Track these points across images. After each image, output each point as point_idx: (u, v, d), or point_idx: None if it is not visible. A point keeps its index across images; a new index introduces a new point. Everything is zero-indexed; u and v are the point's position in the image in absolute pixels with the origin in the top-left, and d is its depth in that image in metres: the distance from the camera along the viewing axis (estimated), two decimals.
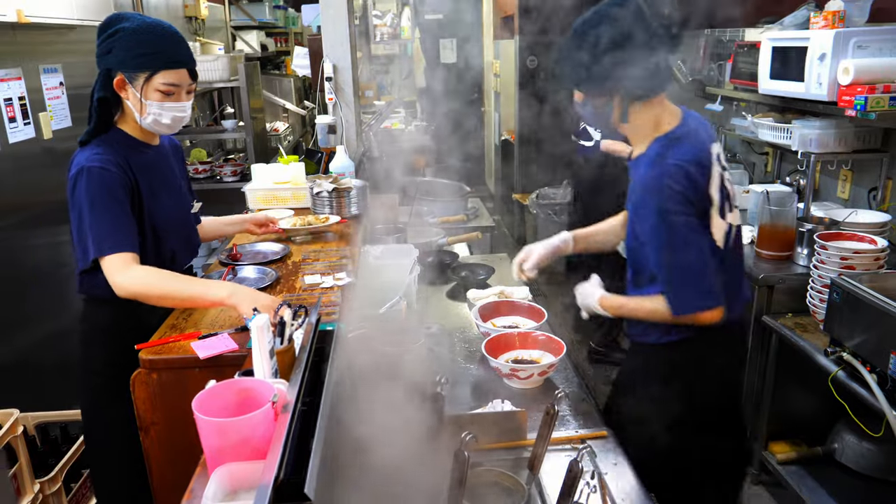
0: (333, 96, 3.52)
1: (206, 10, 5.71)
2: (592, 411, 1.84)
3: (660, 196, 1.66)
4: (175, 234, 2.06)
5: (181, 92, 1.94)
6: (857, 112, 2.55)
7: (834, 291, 2.32)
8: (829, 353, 2.35)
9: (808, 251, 2.80)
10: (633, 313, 1.84)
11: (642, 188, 1.72)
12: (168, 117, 1.93)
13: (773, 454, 2.83)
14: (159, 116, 1.92)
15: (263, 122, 5.36)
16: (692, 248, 1.68)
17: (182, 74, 1.93)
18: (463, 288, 2.72)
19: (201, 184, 4.48)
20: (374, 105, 6.79)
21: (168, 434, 1.78)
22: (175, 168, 2.18)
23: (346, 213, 2.92)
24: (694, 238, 1.68)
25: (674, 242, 1.67)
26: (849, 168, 3.24)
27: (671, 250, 1.68)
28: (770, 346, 2.80)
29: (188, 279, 1.94)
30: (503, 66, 7.09)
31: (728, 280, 1.74)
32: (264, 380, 1.30)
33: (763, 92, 3.25)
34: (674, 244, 1.68)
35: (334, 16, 3.54)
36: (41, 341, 3.09)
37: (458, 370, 2.08)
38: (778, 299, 2.81)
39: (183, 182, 2.22)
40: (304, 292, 2.15)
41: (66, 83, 3.50)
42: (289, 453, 1.02)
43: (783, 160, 3.73)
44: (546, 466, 1.49)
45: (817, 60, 2.77)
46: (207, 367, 1.70)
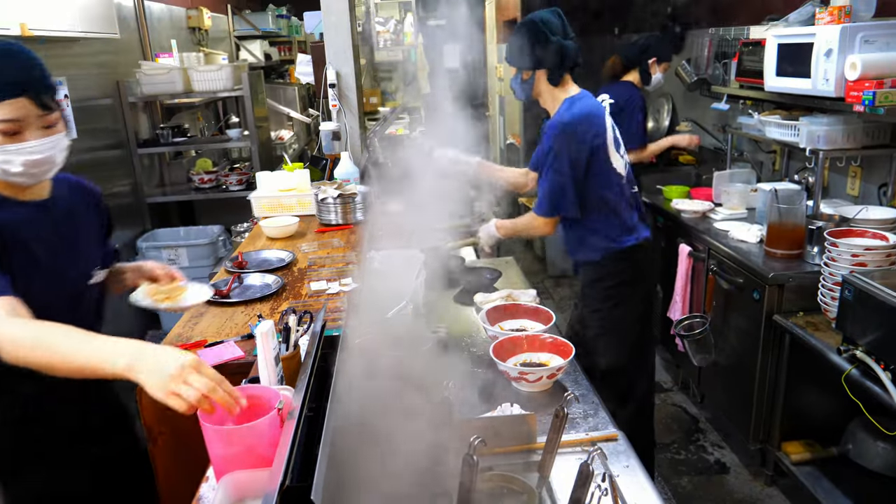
0: (337, 103, 3.52)
1: (210, 20, 5.73)
2: (602, 413, 1.82)
3: (557, 132, 2.36)
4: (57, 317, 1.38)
5: (28, 128, 1.44)
6: (865, 107, 2.53)
7: (846, 289, 2.30)
8: (842, 351, 2.32)
9: (819, 249, 2.77)
10: (514, 226, 2.64)
11: (549, 128, 2.39)
12: (18, 164, 1.44)
13: (786, 454, 2.80)
14: (6, 164, 1.44)
15: (268, 130, 5.37)
16: (562, 171, 2.35)
17: (22, 105, 1.42)
18: (470, 292, 2.70)
19: (207, 193, 4.49)
20: (378, 111, 6.80)
21: (175, 443, 1.77)
22: (81, 226, 1.71)
23: (351, 219, 2.91)
24: (565, 165, 2.35)
25: (553, 164, 2.37)
26: (858, 164, 3.21)
27: (551, 170, 2.38)
28: (782, 345, 2.77)
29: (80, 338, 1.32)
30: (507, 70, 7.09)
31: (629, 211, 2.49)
32: (270, 386, 1.29)
33: (769, 89, 3.22)
34: (553, 165, 2.37)
35: (336, 22, 3.54)
36: None
37: (467, 374, 2.06)
38: (788, 298, 2.78)
39: (92, 245, 1.75)
40: (309, 299, 2.15)
41: (70, 96, 3.51)
42: (295, 459, 1.01)
43: (791, 158, 3.70)
44: (556, 470, 1.47)
45: (824, 56, 2.74)
46: None
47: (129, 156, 4.22)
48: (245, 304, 2.18)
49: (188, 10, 5.52)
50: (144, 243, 4.10)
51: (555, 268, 5.74)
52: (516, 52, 2.40)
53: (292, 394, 1.22)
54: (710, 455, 3.23)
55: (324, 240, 2.83)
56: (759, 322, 2.84)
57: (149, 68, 4.19)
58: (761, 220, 3.19)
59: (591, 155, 2.37)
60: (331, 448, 1.08)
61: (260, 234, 3.00)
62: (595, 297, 2.55)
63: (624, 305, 2.52)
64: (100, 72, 3.95)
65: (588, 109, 2.39)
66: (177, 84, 4.21)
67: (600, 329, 2.54)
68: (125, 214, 4.15)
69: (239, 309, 2.16)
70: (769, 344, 2.84)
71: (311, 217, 3.15)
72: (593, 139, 2.36)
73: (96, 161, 3.82)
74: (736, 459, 3.20)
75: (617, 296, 2.52)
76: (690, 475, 3.09)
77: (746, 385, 2.98)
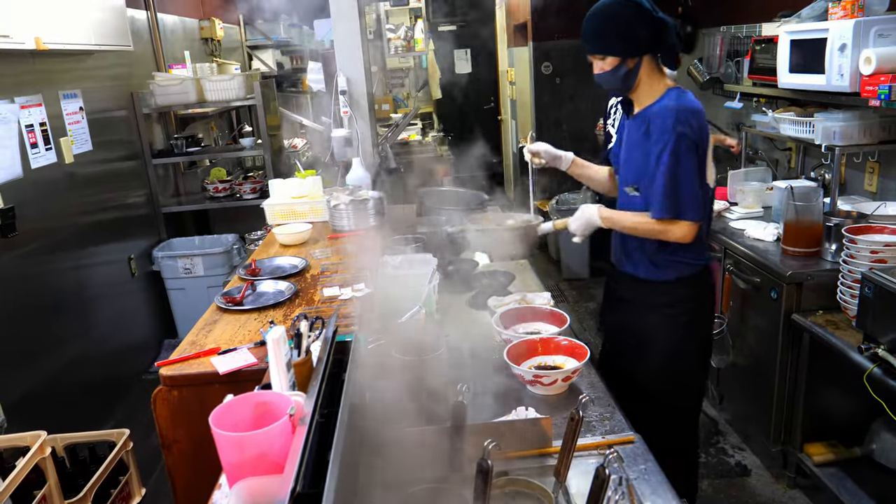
0: (348, 109, 3.53)
1: (222, 30, 5.78)
2: (618, 416, 1.80)
3: (678, 121, 1.98)
4: None
5: None
6: (881, 102, 2.49)
7: (866, 286, 2.26)
8: (863, 349, 2.28)
9: (837, 246, 2.73)
10: (620, 221, 2.16)
11: (664, 116, 2.01)
12: None
13: (809, 456, 2.75)
14: None
15: (281, 139, 5.40)
16: (689, 167, 2.00)
17: None
18: (484, 295, 2.69)
19: (221, 202, 4.52)
20: (390, 118, 6.81)
21: (191, 451, 1.77)
22: None
23: (363, 224, 2.92)
24: (692, 161, 2.00)
25: (678, 156, 1.99)
26: (875, 160, 3.16)
27: (668, 166, 1.99)
28: (801, 345, 2.73)
29: None
30: (518, 74, 7.08)
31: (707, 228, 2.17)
32: (282, 392, 1.29)
33: (783, 86, 3.19)
34: (678, 158, 1.99)
35: (346, 29, 3.55)
36: (66, 364, 3.12)
37: (481, 378, 2.04)
38: (807, 297, 2.74)
39: None
40: (322, 305, 2.15)
41: (85, 108, 3.55)
42: (306, 465, 1.00)
43: (807, 155, 3.66)
44: (572, 474, 1.45)
45: (837, 51, 2.71)
46: (227, 383, 1.70)
47: (143, 166, 4.26)
48: (258, 311, 2.19)
49: (201, 22, 5.57)
50: (160, 253, 4.13)
51: (569, 270, 5.71)
52: (619, 37, 2.04)
53: (304, 399, 1.21)
54: (731, 458, 3.19)
55: (336, 246, 2.83)
56: (777, 322, 2.80)
57: (162, 79, 4.23)
58: (777, 219, 3.15)
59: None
60: (342, 454, 1.07)
61: (273, 242, 3.01)
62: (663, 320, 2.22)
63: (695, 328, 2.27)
64: (114, 84, 4.00)
65: (698, 103, 2.10)
66: (190, 94, 4.24)
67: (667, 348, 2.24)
68: (141, 224, 4.19)
69: (252, 316, 2.16)
70: (788, 344, 2.79)
71: (325, 223, 3.16)
72: (708, 138, 2.09)
73: (112, 172, 3.86)
74: (757, 461, 3.15)
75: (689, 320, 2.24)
76: (711, 478, 3.05)
77: (766, 386, 2.94)
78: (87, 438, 2.63)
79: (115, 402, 3.52)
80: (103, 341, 3.51)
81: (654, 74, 2.10)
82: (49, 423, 2.49)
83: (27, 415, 2.74)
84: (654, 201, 2.04)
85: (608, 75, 2.09)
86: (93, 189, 3.59)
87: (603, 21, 2.04)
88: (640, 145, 2.11)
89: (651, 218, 2.06)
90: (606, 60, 2.06)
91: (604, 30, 2.04)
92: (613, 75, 2.08)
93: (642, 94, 2.13)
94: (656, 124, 2.03)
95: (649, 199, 2.09)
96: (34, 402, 2.84)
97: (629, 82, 2.09)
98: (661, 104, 2.06)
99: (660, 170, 2.01)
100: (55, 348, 3.07)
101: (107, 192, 3.77)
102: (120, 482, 2.23)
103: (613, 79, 2.09)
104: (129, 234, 4.01)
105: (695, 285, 2.21)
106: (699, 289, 2.24)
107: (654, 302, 2.22)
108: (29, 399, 2.81)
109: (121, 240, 3.89)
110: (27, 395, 2.81)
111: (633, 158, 2.16)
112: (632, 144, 2.17)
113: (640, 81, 2.10)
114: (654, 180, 2.03)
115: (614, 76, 2.08)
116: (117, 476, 2.24)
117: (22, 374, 2.81)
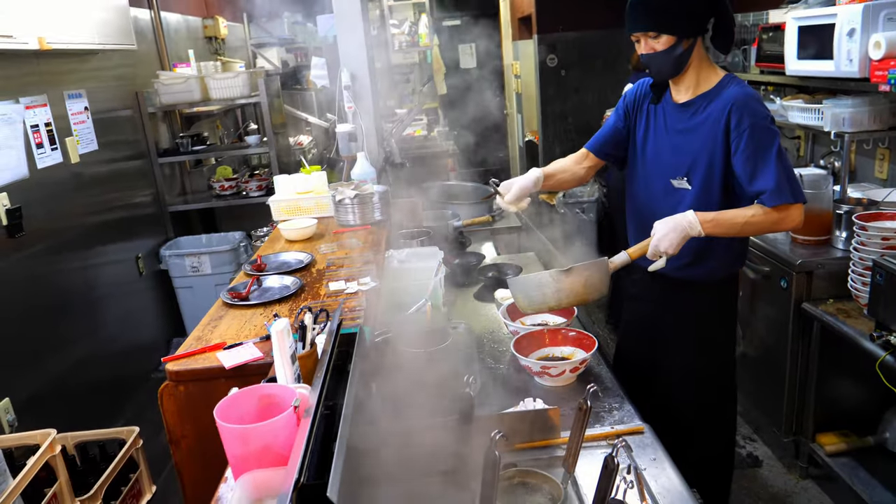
0: (352, 104, 3.52)
1: (226, 29, 5.78)
2: (627, 406, 1.79)
3: (761, 106, 1.89)
4: None
5: None
6: (891, 87, 2.45)
7: (877, 273, 2.23)
8: (875, 337, 2.25)
9: (847, 234, 2.70)
10: (731, 220, 1.87)
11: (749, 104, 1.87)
12: None
13: (821, 446, 2.73)
14: None
15: (286, 135, 5.40)
16: (784, 153, 1.87)
17: None
18: (490, 288, 2.68)
19: (227, 200, 4.52)
20: (395, 114, 6.80)
21: (198, 446, 1.77)
22: None
23: (369, 218, 2.91)
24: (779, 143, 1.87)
25: (776, 144, 1.85)
26: (885, 146, 3.12)
27: (777, 150, 1.85)
28: (812, 334, 2.70)
29: None
30: (523, 67, 7.06)
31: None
32: (286, 385, 1.28)
33: (791, 73, 3.15)
34: (777, 145, 1.85)
35: (349, 24, 3.53)
36: (76, 363, 3.13)
37: (489, 370, 2.04)
38: (817, 285, 2.72)
39: None
40: (328, 299, 2.14)
41: (90, 108, 3.56)
42: (310, 457, 0.99)
43: (816, 143, 3.62)
44: (581, 465, 1.44)
45: (846, 36, 2.67)
46: (233, 377, 1.69)
47: (150, 166, 4.27)
48: (264, 306, 2.18)
49: (204, 20, 5.56)
50: (167, 251, 4.14)
51: None
52: (681, 14, 1.87)
53: (309, 392, 1.20)
54: (742, 448, 3.16)
55: (342, 240, 2.82)
56: (787, 311, 2.78)
57: (166, 78, 4.23)
58: None
59: None
60: (347, 445, 1.06)
61: (279, 238, 3.00)
62: (694, 320, 2.10)
63: (730, 331, 2.20)
64: (118, 83, 4.00)
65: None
66: (194, 92, 4.24)
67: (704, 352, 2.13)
68: (147, 224, 4.19)
69: (258, 311, 2.16)
70: (799, 333, 2.77)
71: (330, 219, 3.15)
72: None
73: (118, 172, 3.86)
74: (769, 452, 3.13)
75: (725, 323, 2.17)
76: None
77: (777, 376, 2.91)
78: (97, 436, 2.63)
79: (124, 400, 3.53)
80: (112, 340, 3.52)
81: (705, 58, 1.97)
82: (59, 422, 2.49)
83: (37, 414, 2.75)
84: (768, 188, 1.84)
85: (661, 56, 1.89)
86: (99, 189, 3.59)
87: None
88: (695, 133, 1.96)
89: (768, 206, 1.85)
90: (661, 39, 1.87)
91: (663, 5, 1.86)
92: (666, 56, 1.89)
93: (690, 79, 1.97)
94: (741, 112, 1.86)
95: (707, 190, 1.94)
96: (44, 401, 2.85)
97: (681, 65, 1.92)
98: (734, 91, 1.91)
99: (769, 156, 1.84)
100: (64, 348, 3.07)
101: (113, 191, 3.77)
102: (130, 480, 2.23)
103: (665, 60, 1.90)
104: (136, 234, 4.01)
105: (717, 289, 2.10)
106: (729, 291, 2.13)
107: (681, 301, 2.08)
108: (38, 398, 2.82)
109: (128, 239, 3.89)
110: (36, 394, 2.82)
111: (682, 147, 1.99)
112: (677, 132, 2.01)
113: (690, 65, 1.94)
114: (757, 168, 1.85)
115: (667, 57, 1.89)
116: (127, 474, 2.24)
117: (31, 374, 2.82)
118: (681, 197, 1.99)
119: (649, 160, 2.09)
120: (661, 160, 2.05)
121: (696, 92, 1.97)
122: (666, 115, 2.04)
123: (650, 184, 2.08)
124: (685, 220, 1.83)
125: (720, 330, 2.15)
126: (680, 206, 1.95)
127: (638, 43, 1.94)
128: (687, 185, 1.98)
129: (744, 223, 1.87)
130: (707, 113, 1.94)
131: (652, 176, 2.08)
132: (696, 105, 1.97)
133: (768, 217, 1.86)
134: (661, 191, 2.05)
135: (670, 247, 1.84)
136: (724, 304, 2.14)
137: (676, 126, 2.00)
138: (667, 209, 1.95)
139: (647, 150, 2.08)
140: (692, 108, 1.97)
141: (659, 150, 2.05)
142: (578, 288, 1.87)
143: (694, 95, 1.98)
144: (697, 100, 1.97)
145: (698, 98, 1.97)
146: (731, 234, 1.92)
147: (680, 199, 1.99)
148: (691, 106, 1.98)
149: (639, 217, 2.13)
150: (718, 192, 1.96)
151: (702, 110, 1.95)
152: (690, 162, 1.97)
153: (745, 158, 1.86)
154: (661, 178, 2.04)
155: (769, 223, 1.88)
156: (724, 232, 1.88)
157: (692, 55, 1.92)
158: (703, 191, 1.95)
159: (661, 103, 2.06)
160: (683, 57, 1.90)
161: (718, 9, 1.91)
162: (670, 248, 1.84)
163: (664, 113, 2.05)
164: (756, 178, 1.86)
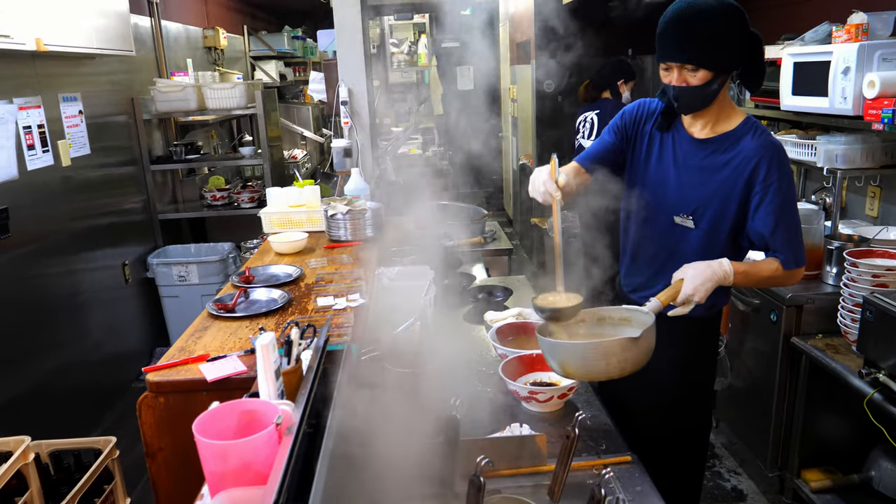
0: (349, 120, 3.52)
1: (226, 40, 5.79)
2: (615, 436, 1.76)
3: (787, 160, 1.81)
4: None
5: None
6: (884, 126, 2.47)
7: (867, 310, 2.23)
8: (863, 374, 2.25)
9: (838, 269, 2.70)
10: (757, 274, 1.85)
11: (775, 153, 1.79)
12: None
13: (805, 482, 2.71)
14: None
15: (281, 149, 5.39)
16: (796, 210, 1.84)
17: None
18: (480, 310, 2.66)
19: (218, 210, 4.50)
20: (391, 132, 6.82)
21: (176, 460, 1.73)
22: None
23: (360, 235, 2.89)
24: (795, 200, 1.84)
25: (794, 202, 1.83)
26: (877, 184, 3.14)
27: (793, 210, 1.82)
28: (800, 368, 2.69)
29: None
30: (520, 91, 7.10)
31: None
32: (269, 401, 1.25)
33: (785, 108, 3.17)
34: (794, 204, 1.83)
35: (349, 40, 3.55)
36: (55, 369, 3.07)
37: (475, 394, 2.01)
38: (807, 320, 2.71)
39: None
40: (316, 314, 2.11)
41: (85, 112, 3.54)
42: (290, 477, 0.96)
43: (808, 178, 3.65)
44: (567, 493, 1.42)
45: (841, 74, 2.70)
46: (215, 391, 1.66)
47: (142, 172, 4.24)
48: (250, 319, 2.15)
49: (205, 31, 5.58)
50: (155, 259, 4.10)
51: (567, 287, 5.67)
52: (724, 49, 1.73)
53: (292, 409, 1.18)
54: (727, 482, 3.14)
55: (333, 255, 2.80)
56: (776, 344, 2.77)
57: (163, 85, 4.22)
58: None
59: None
60: (329, 466, 1.03)
61: (269, 250, 2.98)
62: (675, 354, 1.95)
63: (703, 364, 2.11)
64: (115, 89, 3.98)
65: None
66: (191, 101, 4.23)
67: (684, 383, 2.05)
68: (136, 230, 4.16)
69: (244, 323, 2.12)
70: (787, 367, 2.76)
71: (321, 233, 3.13)
72: None
73: (109, 177, 3.83)
74: (753, 486, 3.10)
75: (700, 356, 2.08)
76: (706, 502, 3.00)
77: (764, 409, 2.90)
78: (73, 445, 2.57)
79: (104, 409, 3.46)
80: (94, 347, 3.47)
81: (727, 96, 1.85)
82: (34, 430, 2.44)
83: (12, 420, 2.70)
84: (788, 249, 1.80)
85: (695, 91, 1.76)
86: (89, 193, 3.56)
87: (708, 28, 1.69)
88: (713, 174, 1.85)
89: (784, 269, 1.81)
90: (698, 74, 1.73)
91: (711, 38, 1.71)
92: (700, 91, 1.76)
93: (711, 115, 1.85)
94: (770, 165, 1.77)
95: (714, 233, 1.87)
96: (21, 406, 2.79)
97: (710, 101, 1.79)
98: (763, 140, 1.80)
99: (792, 216, 1.80)
100: (44, 353, 3.02)
101: (103, 196, 3.74)
102: (104, 491, 2.18)
103: (697, 95, 1.77)
104: (125, 240, 3.97)
105: (709, 325, 2.03)
106: (712, 328, 2.06)
107: (668, 334, 1.85)
108: (16, 403, 2.76)
109: (115, 245, 3.85)
110: (14, 399, 2.76)
111: (693, 185, 1.88)
112: (689, 168, 1.89)
113: (715, 101, 1.81)
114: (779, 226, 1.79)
115: (700, 92, 1.76)
116: (102, 485, 2.19)
117: (9, 379, 2.77)
118: (683, 235, 1.91)
119: (651, 190, 1.97)
120: (666, 193, 1.94)
121: (716, 129, 1.86)
122: (676, 147, 1.92)
123: (651, 216, 1.99)
124: (721, 269, 1.76)
125: (702, 365, 2.10)
126: (682, 244, 1.90)
127: (668, 71, 1.79)
128: (691, 224, 1.89)
129: (766, 278, 1.86)
130: (730, 156, 1.83)
131: (653, 207, 1.97)
132: (717, 144, 1.86)
133: (784, 275, 1.84)
134: (662, 225, 1.95)
135: (704, 296, 1.75)
136: (707, 339, 2.09)
137: (689, 161, 1.89)
138: (669, 247, 1.91)
139: (650, 178, 1.98)
140: (711, 146, 1.86)
141: (664, 182, 1.93)
142: (642, 356, 1.65)
143: (713, 133, 1.87)
144: (719, 139, 1.86)
145: (720, 137, 1.86)
146: (748, 286, 1.88)
147: (682, 237, 1.91)
148: (710, 144, 1.87)
149: (634, 248, 2.06)
150: (725, 236, 1.88)
151: (722, 151, 1.84)
152: (700, 201, 1.87)
153: (768, 213, 1.79)
154: (664, 212, 1.94)
155: (782, 279, 1.87)
156: (746, 284, 1.86)
157: (721, 91, 1.80)
158: (710, 233, 1.87)
159: (669, 132, 1.95)
160: (715, 93, 1.78)
161: (757, 48, 1.79)
162: (703, 298, 1.75)
163: (674, 143, 1.93)
164: (776, 234, 1.80)
